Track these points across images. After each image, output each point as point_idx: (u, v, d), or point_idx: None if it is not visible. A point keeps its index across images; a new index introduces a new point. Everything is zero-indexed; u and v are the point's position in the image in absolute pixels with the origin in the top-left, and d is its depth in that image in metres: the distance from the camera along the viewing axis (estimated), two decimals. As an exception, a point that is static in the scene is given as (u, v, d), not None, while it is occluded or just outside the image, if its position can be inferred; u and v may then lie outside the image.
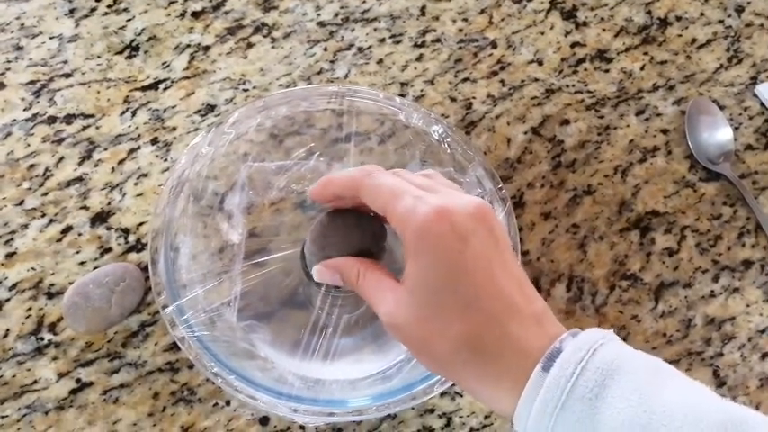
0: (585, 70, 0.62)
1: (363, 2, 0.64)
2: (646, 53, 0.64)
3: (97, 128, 0.56)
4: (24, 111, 0.56)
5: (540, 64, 0.62)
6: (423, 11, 0.64)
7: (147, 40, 0.60)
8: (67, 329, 0.49)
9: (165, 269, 0.43)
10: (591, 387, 0.30)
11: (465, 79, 0.61)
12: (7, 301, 0.50)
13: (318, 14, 0.63)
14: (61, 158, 0.55)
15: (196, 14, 0.62)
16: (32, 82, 0.58)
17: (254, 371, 0.43)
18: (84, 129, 0.56)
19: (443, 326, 0.32)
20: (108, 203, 0.53)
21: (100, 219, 0.53)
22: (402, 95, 0.59)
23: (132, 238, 0.52)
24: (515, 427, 0.32)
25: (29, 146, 0.55)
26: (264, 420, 0.48)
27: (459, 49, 0.62)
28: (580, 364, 0.30)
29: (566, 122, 0.60)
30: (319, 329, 0.43)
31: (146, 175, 0.55)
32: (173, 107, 0.58)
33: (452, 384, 0.44)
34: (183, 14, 0.62)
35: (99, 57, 0.59)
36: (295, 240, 0.47)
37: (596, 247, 0.55)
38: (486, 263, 0.33)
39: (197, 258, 0.46)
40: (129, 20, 0.61)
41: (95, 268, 0.50)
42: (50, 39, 0.59)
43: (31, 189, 0.53)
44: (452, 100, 0.60)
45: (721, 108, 0.61)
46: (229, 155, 0.48)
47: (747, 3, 0.67)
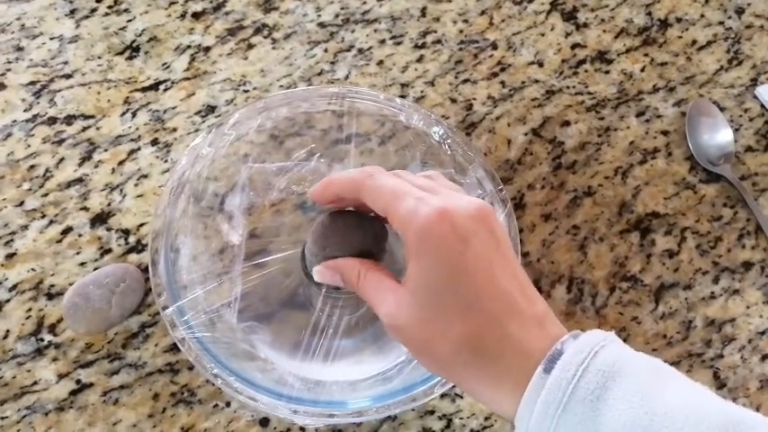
0: (586, 71, 0.62)
1: (364, 3, 0.64)
2: (646, 54, 0.64)
3: (97, 129, 0.56)
4: (25, 111, 0.56)
5: (541, 65, 0.62)
6: (423, 12, 0.64)
7: (148, 40, 0.60)
8: (67, 330, 0.49)
9: (165, 270, 0.43)
10: (592, 389, 0.30)
11: (465, 80, 0.61)
12: (7, 302, 0.50)
13: (319, 15, 0.63)
14: (61, 159, 0.55)
15: (197, 15, 0.62)
16: (33, 83, 0.58)
17: (255, 372, 0.43)
18: (85, 129, 0.56)
19: (444, 327, 0.32)
20: (108, 204, 0.53)
21: (100, 220, 0.53)
22: (402, 96, 0.59)
23: (132, 239, 0.52)
24: (517, 429, 0.32)
25: (29, 147, 0.55)
26: (264, 422, 0.47)
27: (460, 50, 0.62)
28: (581, 366, 0.30)
29: (566, 124, 0.60)
30: (320, 331, 0.43)
31: (146, 176, 0.55)
32: (173, 108, 0.58)
33: (453, 386, 0.43)
34: (183, 15, 0.62)
35: (99, 57, 0.59)
36: (295, 241, 0.47)
37: (596, 248, 0.55)
38: (487, 264, 0.33)
39: (197, 259, 0.46)
40: (129, 21, 0.61)
41: (95, 269, 0.50)
42: (51, 39, 0.59)
43: (31, 190, 0.53)
44: (453, 101, 0.60)
45: (722, 109, 0.61)
46: (230, 156, 0.48)
47: (748, 4, 0.67)
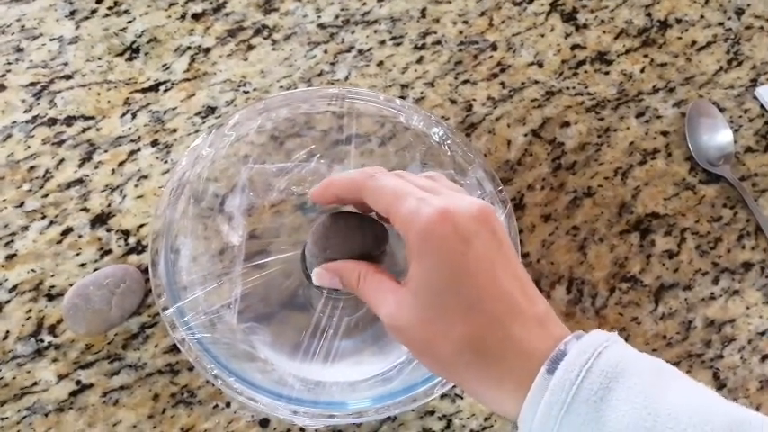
0: (586, 72, 0.62)
1: (364, 4, 0.64)
2: (646, 55, 0.64)
3: (97, 130, 0.56)
4: (25, 113, 0.56)
5: (541, 66, 0.62)
6: (423, 13, 0.64)
7: (148, 41, 0.60)
8: (67, 331, 0.49)
9: (165, 271, 0.43)
10: (596, 390, 0.30)
11: (465, 81, 0.61)
12: (7, 302, 0.50)
13: (319, 16, 0.63)
14: (61, 160, 0.55)
15: (197, 16, 0.62)
16: (33, 84, 0.58)
17: (255, 373, 0.43)
18: (85, 131, 0.56)
19: (446, 328, 0.32)
20: (108, 205, 0.53)
21: (100, 220, 0.53)
22: (402, 97, 0.59)
23: (132, 239, 0.52)
24: (520, 430, 0.32)
25: (29, 148, 0.55)
26: (264, 422, 0.47)
27: (460, 51, 0.62)
28: (585, 366, 0.30)
29: (566, 124, 0.60)
30: (320, 331, 0.43)
31: (146, 177, 0.55)
32: (173, 109, 0.58)
33: (453, 386, 0.43)
34: (183, 16, 0.62)
35: (99, 59, 0.59)
36: (295, 242, 0.47)
37: (596, 249, 0.55)
38: (489, 264, 0.33)
39: (197, 260, 0.46)
40: (129, 22, 0.61)
41: (95, 270, 0.50)
42: (51, 41, 0.60)
43: (31, 191, 0.53)
44: (453, 102, 0.60)
45: (721, 110, 0.61)
46: (230, 157, 0.48)
47: (747, 5, 0.67)
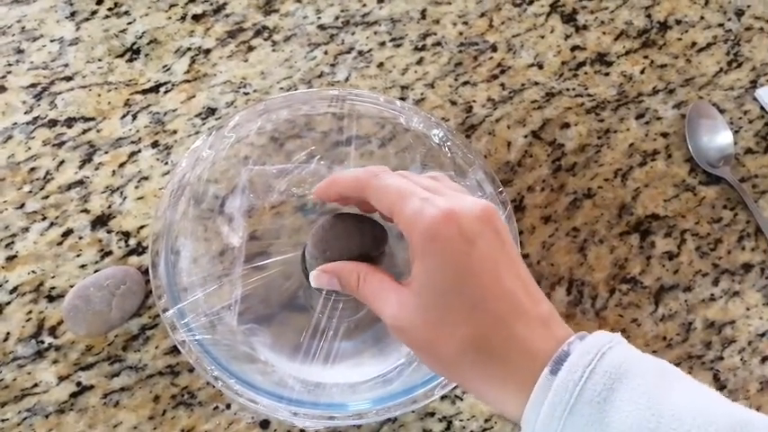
0: (586, 74, 0.62)
1: (364, 5, 0.64)
2: (646, 57, 0.64)
3: (98, 131, 0.56)
4: (25, 114, 0.56)
5: (541, 67, 0.62)
6: (423, 14, 0.64)
7: (148, 43, 0.60)
8: (68, 333, 0.49)
9: (165, 272, 0.43)
10: (599, 391, 0.30)
11: (465, 83, 0.61)
12: (8, 304, 0.50)
13: (319, 18, 0.63)
14: (62, 162, 0.55)
15: (197, 18, 0.62)
16: (33, 85, 0.58)
17: (255, 374, 0.43)
18: (85, 132, 0.56)
19: (450, 328, 0.32)
20: (108, 207, 0.53)
21: (100, 222, 0.53)
22: (402, 99, 0.60)
23: (133, 241, 0.52)
24: (523, 431, 0.32)
25: (29, 149, 0.55)
26: (265, 424, 0.48)
27: (460, 52, 0.62)
28: (588, 367, 0.30)
29: (566, 126, 0.60)
30: (320, 333, 0.43)
31: (146, 179, 0.55)
32: (173, 110, 0.58)
33: (453, 388, 0.43)
34: (183, 18, 0.62)
35: (100, 60, 0.59)
36: (296, 244, 0.47)
37: (596, 250, 0.55)
38: (493, 265, 0.33)
39: (198, 261, 0.46)
40: (129, 23, 0.61)
41: (96, 271, 0.50)
42: (51, 42, 0.60)
43: (31, 192, 0.53)
44: (453, 103, 0.60)
45: (721, 112, 0.61)
46: (230, 158, 0.48)
47: (747, 6, 0.67)
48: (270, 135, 0.49)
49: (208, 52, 0.60)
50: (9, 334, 0.49)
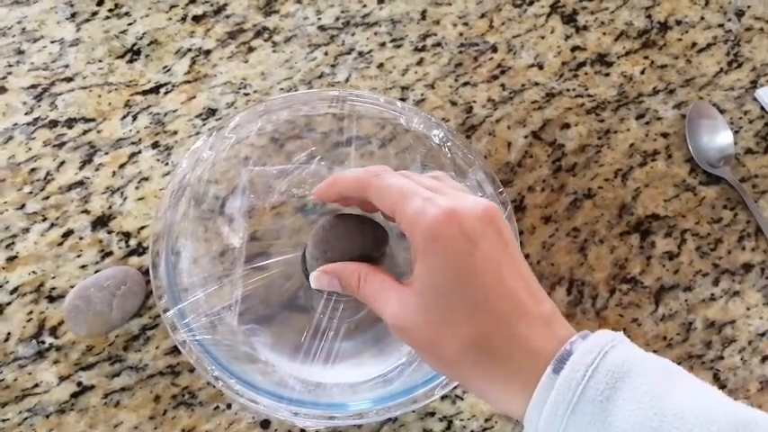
0: (586, 74, 0.62)
1: (364, 6, 0.64)
2: (646, 57, 0.64)
3: (98, 132, 0.56)
4: (26, 115, 0.56)
5: (541, 68, 0.62)
6: (423, 15, 0.64)
7: (149, 44, 0.60)
8: (68, 333, 0.49)
9: (166, 273, 0.43)
10: (602, 390, 0.30)
11: (465, 83, 0.61)
12: (8, 304, 0.50)
13: (319, 19, 0.63)
14: (62, 162, 0.55)
15: (197, 18, 0.62)
16: (34, 86, 0.58)
17: (255, 374, 0.43)
18: (86, 133, 0.56)
19: (452, 327, 0.32)
20: (109, 207, 0.53)
21: (101, 222, 0.53)
22: (403, 99, 0.60)
23: (133, 241, 0.52)
24: (526, 430, 0.32)
25: (30, 150, 0.55)
26: (265, 424, 0.48)
27: (460, 53, 0.62)
28: (591, 366, 0.30)
29: (566, 126, 0.60)
30: (320, 333, 0.43)
31: (147, 179, 0.55)
32: (174, 111, 0.58)
33: (453, 387, 0.44)
34: (184, 18, 0.62)
35: (100, 61, 0.59)
36: (296, 244, 0.47)
37: (596, 250, 0.55)
38: (495, 265, 0.33)
39: (198, 262, 0.46)
40: (130, 24, 0.61)
41: (96, 272, 0.50)
42: (52, 43, 0.60)
43: (32, 193, 0.54)
44: (453, 104, 0.60)
45: (721, 112, 0.61)
46: (230, 159, 0.48)
47: (747, 7, 0.67)
48: (270, 136, 0.49)
49: (208, 53, 0.60)
50: (10, 334, 0.49)
